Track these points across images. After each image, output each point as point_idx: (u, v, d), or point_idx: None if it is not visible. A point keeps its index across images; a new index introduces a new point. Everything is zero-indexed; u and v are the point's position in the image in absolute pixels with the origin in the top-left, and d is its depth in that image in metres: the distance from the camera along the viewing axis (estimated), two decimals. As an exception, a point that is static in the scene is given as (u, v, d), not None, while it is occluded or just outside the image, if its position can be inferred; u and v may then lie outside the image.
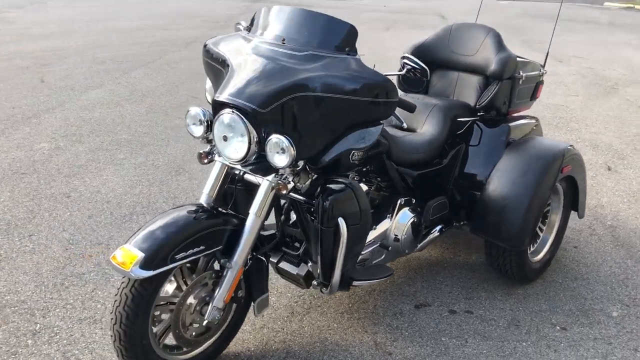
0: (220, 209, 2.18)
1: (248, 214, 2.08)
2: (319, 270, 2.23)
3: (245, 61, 2.11)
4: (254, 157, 2.03)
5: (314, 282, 2.29)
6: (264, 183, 2.08)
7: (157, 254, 1.87)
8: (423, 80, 3.07)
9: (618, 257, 3.18)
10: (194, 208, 2.10)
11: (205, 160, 2.22)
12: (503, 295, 2.81)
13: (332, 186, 2.15)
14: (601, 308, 2.74)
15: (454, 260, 3.11)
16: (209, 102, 2.47)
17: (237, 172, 2.27)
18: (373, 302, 2.70)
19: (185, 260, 1.95)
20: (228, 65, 2.17)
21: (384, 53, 8.09)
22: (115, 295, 1.94)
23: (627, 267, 3.10)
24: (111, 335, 1.94)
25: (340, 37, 2.09)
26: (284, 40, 2.13)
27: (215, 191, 2.20)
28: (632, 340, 2.51)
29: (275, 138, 1.93)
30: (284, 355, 2.35)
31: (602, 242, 3.34)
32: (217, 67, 2.29)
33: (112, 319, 1.92)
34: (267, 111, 1.95)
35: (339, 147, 2.11)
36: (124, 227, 3.28)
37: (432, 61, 3.04)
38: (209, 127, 2.14)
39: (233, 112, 1.99)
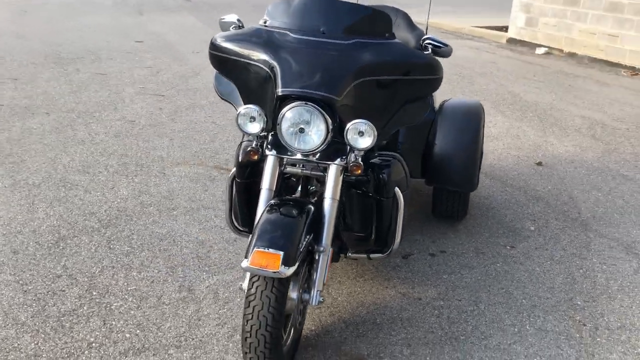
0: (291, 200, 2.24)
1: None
2: (372, 240, 2.46)
3: (295, 54, 2.19)
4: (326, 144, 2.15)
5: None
6: (332, 167, 2.20)
7: (292, 250, 1.91)
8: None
9: (510, 189, 4.01)
10: (280, 202, 2.13)
11: (256, 157, 2.24)
12: (454, 233, 3.37)
13: (382, 160, 2.38)
14: (521, 226, 3.49)
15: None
16: (221, 97, 2.46)
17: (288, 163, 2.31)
18: (368, 266, 2.98)
19: (303, 252, 2.01)
20: (266, 60, 2.20)
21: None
22: (250, 301, 1.90)
23: (522, 194, 3.94)
24: (250, 344, 1.91)
25: (377, 24, 2.30)
26: (323, 31, 2.25)
27: (274, 185, 2.24)
28: (558, 242, 3.30)
29: (356, 122, 2.09)
30: (336, 321, 2.52)
31: (491, 182, 4.13)
32: (240, 60, 2.30)
33: (252, 325, 1.90)
34: (341, 98, 2.10)
35: (395, 125, 2.35)
36: None
37: None
38: (266, 123, 2.16)
39: (307, 103, 2.07)
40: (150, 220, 3.35)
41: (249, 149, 2.25)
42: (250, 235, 2.02)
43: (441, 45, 2.50)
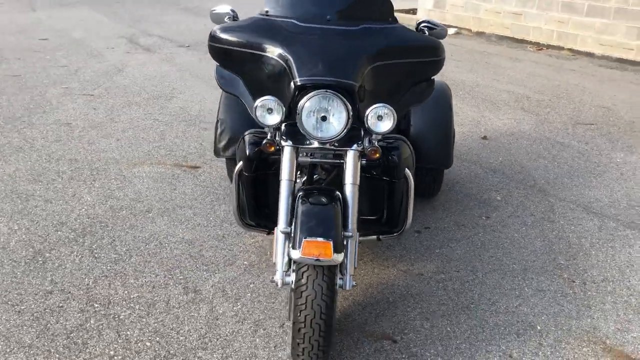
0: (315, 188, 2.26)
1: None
2: (383, 221, 2.52)
3: (308, 43, 2.19)
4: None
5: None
6: (350, 153, 2.23)
7: (339, 237, 1.94)
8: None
9: (466, 163, 4.21)
10: (310, 191, 2.14)
11: (272, 149, 2.23)
12: (432, 210, 3.52)
13: (390, 143, 2.44)
14: (489, 197, 3.70)
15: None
16: (224, 90, 2.42)
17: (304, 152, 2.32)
18: (363, 248, 3.03)
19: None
20: (278, 50, 2.20)
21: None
22: (302, 292, 1.90)
23: (479, 167, 4.16)
24: (305, 334, 1.92)
25: (380, 9, 2.35)
26: (329, 18, 2.26)
27: (294, 175, 2.24)
28: (526, 209, 3.54)
29: (377, 107, 2.13)
30: (352, 305, 2.57)
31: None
32: (247, 52, 2.28)
33: (307, 315, 1.90)
34: (360, 84, 2.14)
35: (405, 107, 2.41)
36: None
37: None
38: (284, 114, 2.15)
39: (327, 90, 2.09)
40: (128, 225, 3.20)
41: (264, 141, 2.23)
42: (291, 228, 2.00)
43: (437, 27, 2.58)
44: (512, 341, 2.37)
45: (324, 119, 2.13)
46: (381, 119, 2.14)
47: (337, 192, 2.15)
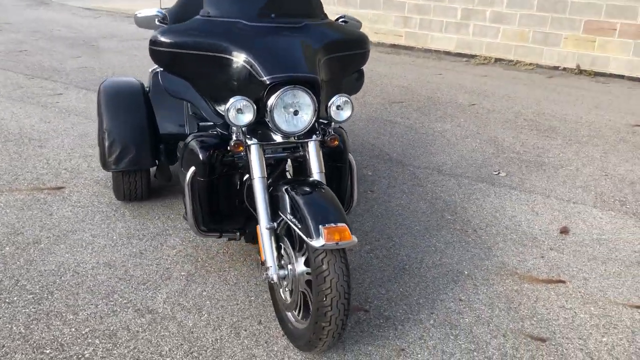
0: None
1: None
2: None
3: (263, 41, 2.26)
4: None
5: None
6: (312, 144, 2.37)
7: (348, 220, 2.08)
8: None
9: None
10: (296, 182, 2.22)
11: (241, 149, 2.27)
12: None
13: (333, 131, 2.60)
14: (363, 173, 4.09)
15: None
16: (174, 96, 2.39)
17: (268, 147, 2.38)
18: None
19: None
20: (236, 51, 2.23)
21: None
22: (325, 277, 2.00)
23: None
24: (331, 316, 2.02)
25: (313, 6, 2.49)
26: (273, 16, 2.36)
27: (266, 172, 2.31)
28: (396, 179, 4.00)
29: (339, 97, 2.32)
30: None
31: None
32: (199, 54, 2.28)
33: (333, 298, 2.01)
34: (319, 78, 2.31)
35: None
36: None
37: None
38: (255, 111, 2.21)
39: (295, 86, 2.22)
40: (23, 261, 2.83)
41: (233, 142, 2.24)
42: (295, 220, 2.04)
43: (354, 21, 2.80)
44: (454, 287, 2.76)
45: (296, 113, 2.21)
46: (340, 109, 2.31)
47: (319, 180, 2.26)
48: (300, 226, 2.02)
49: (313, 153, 2.33)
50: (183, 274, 2.78)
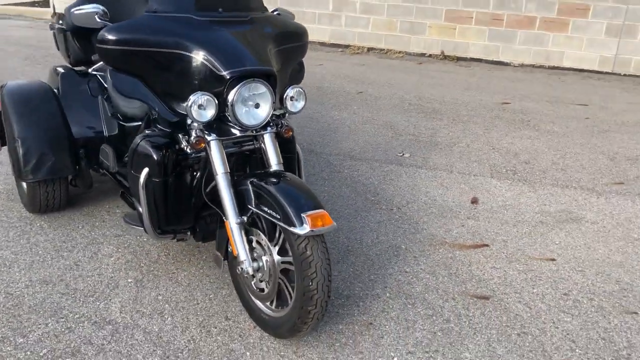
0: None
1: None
2: None
3: (216, 36, 2.26)
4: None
5: None
6: (268, 136, 2.41)
7: (325, 208, 2.16)
8: None
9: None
10: (261, 174, 2.25)
11: (203, 145, 2.27)
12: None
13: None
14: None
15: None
16: (125, 95, 2.33)
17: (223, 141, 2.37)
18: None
19: None
20: (190, 46, 2.22)
21: None
22: (310, 262, 2.06)
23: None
24: (317, 299, 2.10)
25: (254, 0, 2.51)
26: (221, 10, 2.37)
27: (228, 167, 2.31)
28: (315, 166, 4.14)
29: (293, 88, 2.39)
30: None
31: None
32: (151, 51, 2.25)
33: (318, 281, 2.08)
34: (275, 70, 2.37)
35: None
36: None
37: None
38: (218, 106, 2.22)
39: (254, 79, 2.26)
40: (-58, 289, 2.56)
41: (193, 139, 2.22)
42: (270, 211, 2.07)
43: (288, 14, 2.84)
44: (397, 261, 2.95)
45: (257, 106, 2.24)
46: (294, 99, 2.38)
47: (282, 170, 2.31)
48: (278, 216, 2.06)
49: (270, 145, 2.37)
50: (130, 280, 2.67)
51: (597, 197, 3.79)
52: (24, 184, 3.22)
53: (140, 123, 2.85)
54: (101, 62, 3.11)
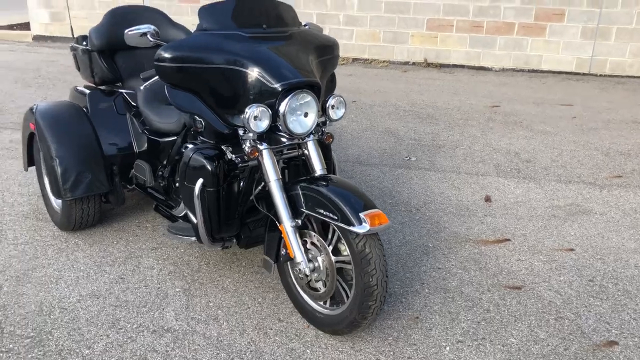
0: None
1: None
2: None
3: (267, 51, 2.36)
4: None
5: None
6: (311, 143, 2.54)
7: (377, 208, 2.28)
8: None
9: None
10: (312, 179, 2.37)
11: (256, 154, 2.38)
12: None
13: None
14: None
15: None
16: (183, 110, 2.43)
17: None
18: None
19: None
20: (244, 62, 2.32)
21: None
22: (370, 259, 2.19)
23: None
24: (377, 294, 2.21)
25: (292, 15, 2.64)
26: (264, 26, 2.49)
27: (279, 174, 2.43)
28: (367, 175, 4.25)
29: (334, 97, 2.53)
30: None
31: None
32: (209, 67, 2.35)
33: (378, 277, 2.20)
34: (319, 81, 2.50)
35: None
36: None
37: (113, 44, 3.28)
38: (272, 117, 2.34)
39: (303, 90, 2.39)
40: (-5, 308, 2.60)
41: (248, 148, 2.32)
42: (326, 212, 2.17)
43: (317, 28, 2.96)
44: (428, 259, 3.08)
45: (306, 115, 2.36)
46: (336, 108, 2.51)
47: (331, 175, 2.43)
48: (336, 217, 2.17)
49: (313, 151, 2.48)
50: (177, 290, 2.75)
51: (600, 190, 4.01)
52: (54, 203, 3.27)
53: (174, 138, 2.94)
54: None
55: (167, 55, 2.32)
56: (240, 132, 2.37)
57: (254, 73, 2.28)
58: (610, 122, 5.72)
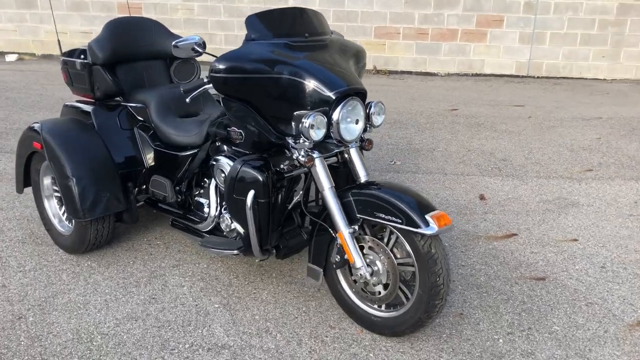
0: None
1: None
2: None
3: (315, 59, 2.38)
4: None
5: None
6: (353, 149, 2.56)
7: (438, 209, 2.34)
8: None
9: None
10: (365, 184, 2.41)
11: (312, 162, 2.40)
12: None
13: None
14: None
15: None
16: (232, 119, 2.41)
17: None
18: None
19: None
20: (297, 71, 2.32)
21: None
22: (436, 259, 2.24)
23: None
24: (443, 293, 2.28)
25: (325, 23, 2.67)
26: (306, 35, 2.51)
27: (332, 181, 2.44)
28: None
29: (375, 104, 2.57)
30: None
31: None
32: (262, 77, 2.35)
33: (444, 277, 2.25)
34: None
35: None
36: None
37: (116, 56, 3.17)
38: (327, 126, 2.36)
39: (353, 97, 2.43)
40: (25, 340, 2.45)
41: (303, 158, 2.33)
42: (389, 216, 2.20)
43: (341, 36, 2.98)
44: (451, 257, 3.18)
45: (356, 122, 2.39)
46: (377, 114, 2.56)
47: (378, 180, 2.47)
48: (400, 220, 2.21)
49: (356, 157, 2.51)
50: (217, 306, 2.69)
51: (579, 183, 4.28)
52: (58, 225, 3.11)
53: (193, 151, 2.87)
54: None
55: (222, 66, 2.28)
56: (290, 140, 2.37)
57: (309, 83, 2.28)
58: (564, 120, 6.10)
